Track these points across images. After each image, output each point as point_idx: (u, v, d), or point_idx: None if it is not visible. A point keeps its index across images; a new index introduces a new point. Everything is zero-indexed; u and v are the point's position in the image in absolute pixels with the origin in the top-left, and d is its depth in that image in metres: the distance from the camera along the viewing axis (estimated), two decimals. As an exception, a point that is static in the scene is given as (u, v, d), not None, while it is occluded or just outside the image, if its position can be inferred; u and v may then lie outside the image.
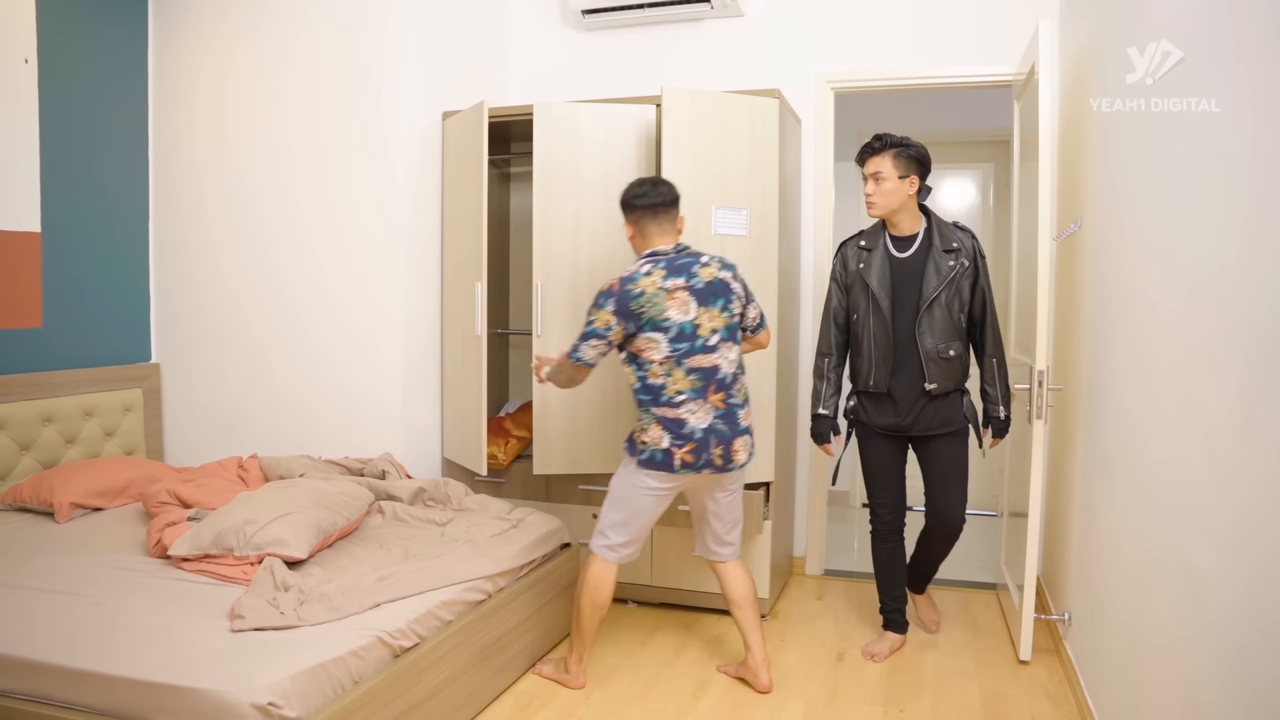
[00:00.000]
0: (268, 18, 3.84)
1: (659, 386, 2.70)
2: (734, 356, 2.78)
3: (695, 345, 2.70)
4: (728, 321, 2.76)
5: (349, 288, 3.75)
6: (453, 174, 3.82)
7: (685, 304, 2.69)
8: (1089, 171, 2.97)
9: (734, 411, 2.76)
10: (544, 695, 2.89)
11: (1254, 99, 1.56)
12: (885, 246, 3.07)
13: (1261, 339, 1.46)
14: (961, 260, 2.99)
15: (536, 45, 4.47)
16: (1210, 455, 1.68)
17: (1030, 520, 3.04)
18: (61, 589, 2.50)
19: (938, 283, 2.97)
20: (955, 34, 3.89)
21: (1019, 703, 2.86)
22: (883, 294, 3.02)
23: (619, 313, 2.68)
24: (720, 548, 2.94)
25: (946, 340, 2.99)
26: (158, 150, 4.08)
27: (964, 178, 5.50)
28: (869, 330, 3.06)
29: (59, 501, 3.23)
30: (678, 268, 2.73)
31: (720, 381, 2.73)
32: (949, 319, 2.99)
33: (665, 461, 2.70)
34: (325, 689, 2.10)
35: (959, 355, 3.02)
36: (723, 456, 2.72)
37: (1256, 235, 1.51)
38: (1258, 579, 1.44)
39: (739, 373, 2.80)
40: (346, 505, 2.99)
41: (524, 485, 3.87)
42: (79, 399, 3.72)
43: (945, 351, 2.99)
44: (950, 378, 3.03)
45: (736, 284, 2.81)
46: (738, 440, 2.75)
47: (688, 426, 2.69)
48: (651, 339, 2.68)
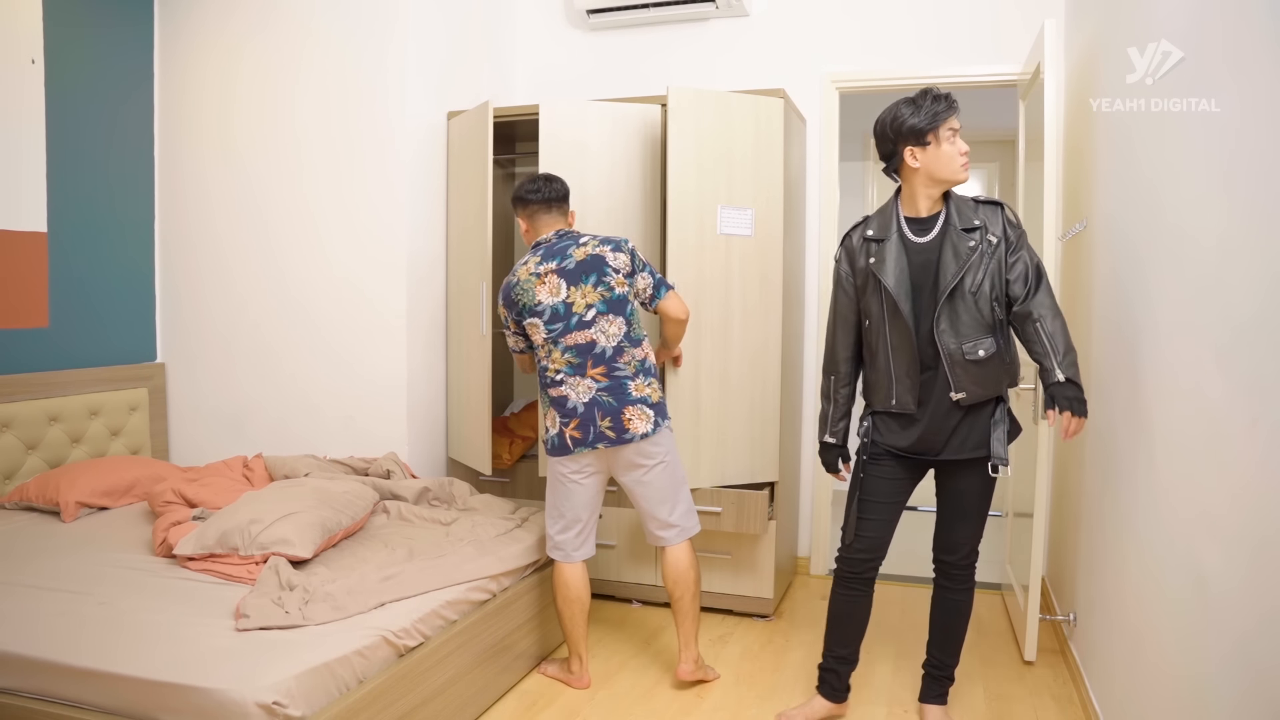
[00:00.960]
0: (274, 18, 3.85)
1: (544, 368, 2.84)
2: (616, 330, 2.79)
3: (570, 324, 2.78)
4: (604, 295, 2.79)
5: (355, 288, 3.76)
6: (458, 174, 3.82)
7: (556, 286, 2.79)
8: (1094, 171, 2.96)
9: (622, 383, 2.77)
10: (548, 695, 2.89)
11: (1255, 99, 1.56)
12: (901, 233, 2.49)
13: (1268, 338, 1.46)
14: (987, 239, 2.41)
15: (541, 45, 4.47)
16: (1217, 455, 1.68)
17: (1035, 521, 3.04)
18: (67, 588, 2.51)
19: (956, 269, 2.40)
20: (960, 34, 3.88)
21: (1024, 703, 2.86)
22: (902, 294, 2.45)
23: (505, 304, 2.89)
24: (662, 530, 2.90)
25: (973, 338, 2.41)
26: (163, 150, 4.09)
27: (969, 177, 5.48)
28: (885, 340, 2.50)
29: (65, 501, 3.24)
30: (554, 252, 2.85)
31: (599, 355, 2.77)
32: (974, 311, 2.41)
33: (560, 443, 2.80)
34: (330, 688, 2.10)
35: (992, 356, 2.41)
36: (613, 429, 2.75)
37: (1262, 234, 1.50)
38: (1266, 581, 1.44)
39: (625, 345, 2.79)
40: (351, 505, 2.99)
41: (528, 485, 3.87)
42: (85, 398, 3.73)
43: (973, 352, 2.41)
44: (983, 384, 2.44)
45: (618, 257, 2.83)
46: (629, 410, 2.75)
47: (570, 402, 2.78)
48: (533, 323, 2.83)
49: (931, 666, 2.74)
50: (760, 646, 3.32)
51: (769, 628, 3.50)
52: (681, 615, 2.91)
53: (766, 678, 3.05)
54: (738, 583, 3.55)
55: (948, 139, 2.39)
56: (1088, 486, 2.92)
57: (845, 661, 2.71)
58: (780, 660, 3.18)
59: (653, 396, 2.81)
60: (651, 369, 2.85)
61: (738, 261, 3.44)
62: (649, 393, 2.80)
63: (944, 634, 2.71)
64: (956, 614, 2.69)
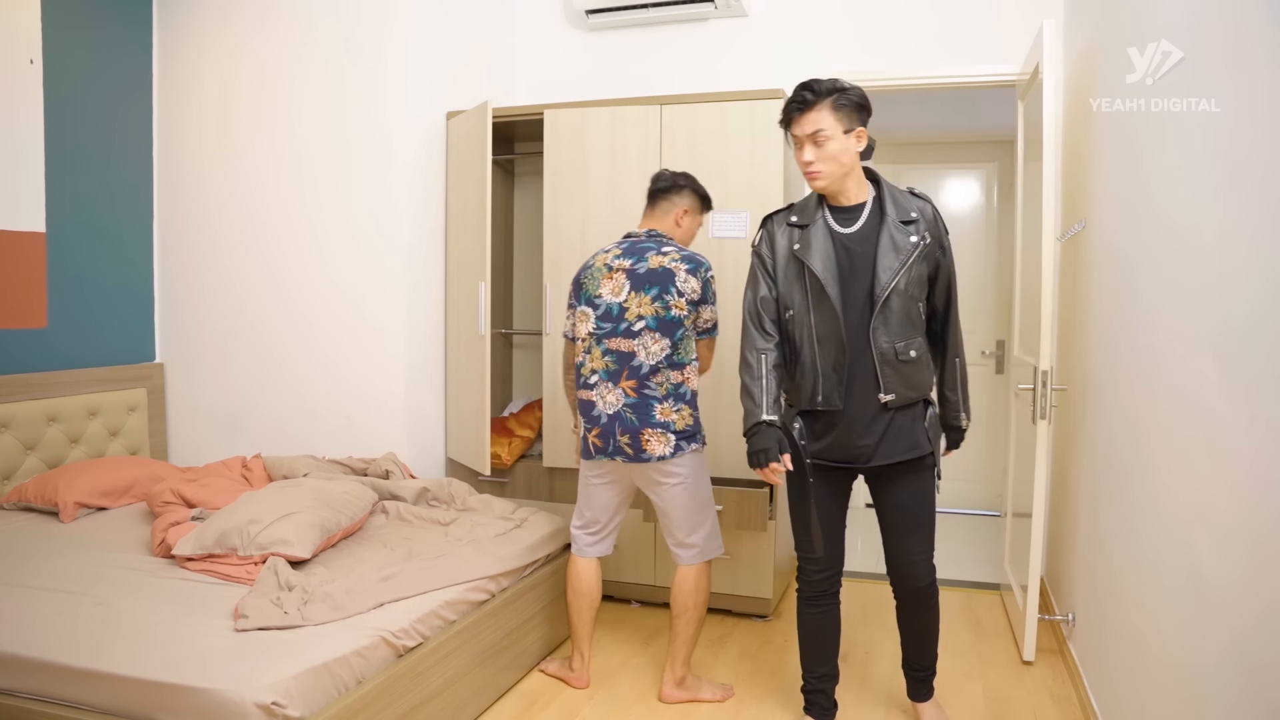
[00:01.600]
0: (273, 18, 3.85)
1: (580, 364, 2.82)
2: (658, 349, 2.71)
3: (618, 329, 2.74)
4: (657, 312, 2.71)
5: (354, 287, 3.76)
6: (457, 174, 3.82)
7: (619, 286, 2.76)
8: (1093, 171, 2.97)
9: (649, 403, 2.71)
10: (547, 695, 2.89)
11: (1253, 99, 1.56)
12: (825, 221, 2.37)
13: (1266, 338, 1.46)
14: (924, 234, 2.31)
15: (540, 46, 4.47)
16: (1215, 455, 1.68)
17: (1034, 520, 3.04)
18: (66, 588, 2.51)
19: (898, 265, 2.28)
20: (958, 34, 3.88)
21: (1022, 703, 2.86)
22: (830, 280, 2.32)
23: (573, 283, 2.89)
24: (677, 549, 2.86)
25: (906, 337, 2.32)
26: (162, 150, 4.09)
27: (967, 177, 5.49)
28: (809, 331, 2.36)
29: (64, 501, 3.24)
30: (634, 250, 2.81)
31: (635, 369, 2.72)
32: (909, 310, 2.32)
33: (585, 447, 2.82)
34: (329, 688, 2.10)
35: (921, 356, 2.36)
36: (631, 446, 2.72)
37: (1260, 233, 1.51)
38: (1264, 579, 1.44)
39: (664, 366, 2.71)
40: (350, 505, 2.99)
41: (528, 485, 3.87)
42: (83, 399, 3.73)
43: (905, 352, 2.32)
44: (912, 386, 2.36)
45: (689, 281, 2.73)
46: (648, 431, 2.70)
47: (595, 410, 2.77)
48: (584, 313, 2.81)
49: (911, 669, 2.67)
50: (759, 647, 3.32)
51: (768, 628, 3.50)
52: (674, 635, 2.86)
53: (765, 678, 3.05)
54: (736, 583, 3.55)
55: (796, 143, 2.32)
56: (1086, 486, 2.92)
57: (827, 679, 2.62)
58: (779, 660, 3.18)
59: (678, 423, 2.72)
60: (686, 394, 2.74)
61: (731, 263, 3.48)
62: (674, 418, 2.71)
63: (918, 641, 2.62)
64: (925, 624, 2.59)
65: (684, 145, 3.53)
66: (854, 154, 2.32)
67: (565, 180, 3.69)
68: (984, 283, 5.39)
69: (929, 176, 5.51)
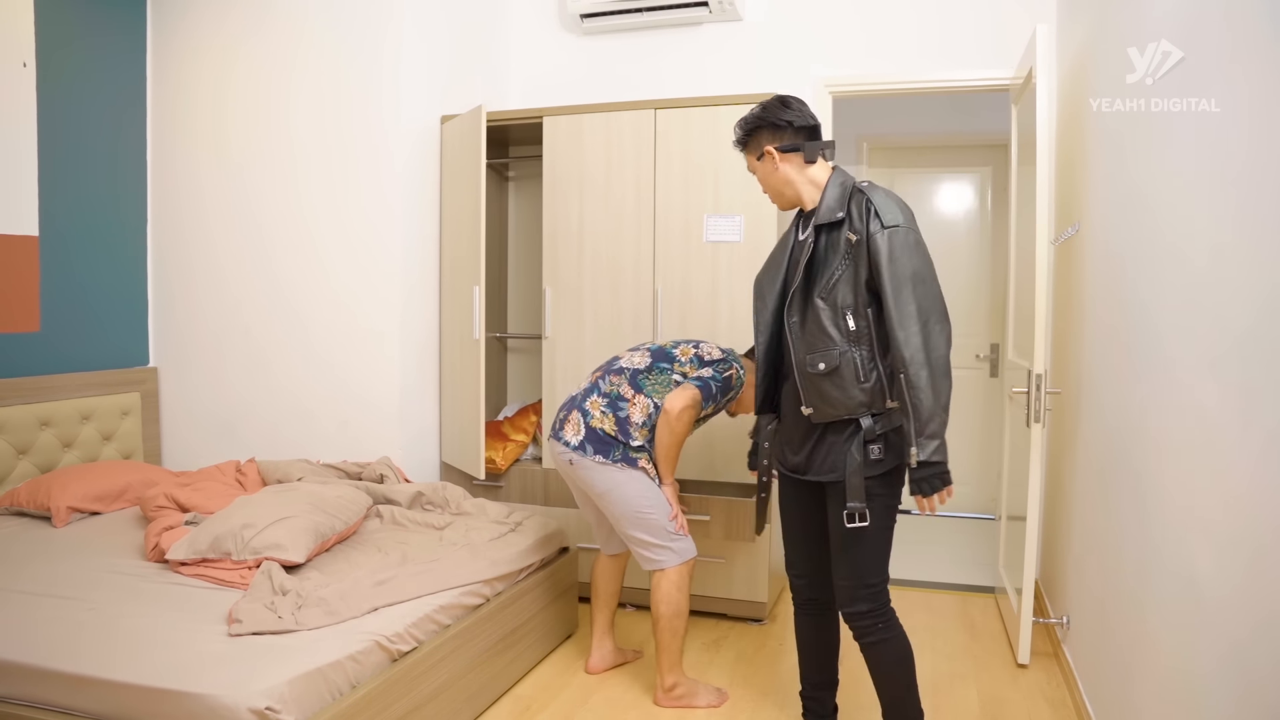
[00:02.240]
0: (269, 22, 3.85)
1: None
2: (636, 363, 2.87)
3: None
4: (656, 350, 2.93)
5: (350, 291, 3.75)
6: (451, 178, 3.82)
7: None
8: (1087, 175, 2.98)
9: (591, 394, 2.85)
10: (543, 699, 2.88)
11: (1248, 101, 1.57)
12: (795, 226, 2.39)
13: (1260, 341, 1.46)
14: (846, 235, 2.17)
15: (535, 49, 4.47)
16: (1209, 458, 1.68)
17: (1029, 523, 3.04)
18: (58, 593, 2.50)
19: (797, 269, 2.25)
20: (952, 38, 3.89)
21: (1017, 706, 2.86)
22: (768, 281, 2.37)
23: None
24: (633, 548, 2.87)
25: (814, 349, 2.21)
26: (156, 153, 4.08)
27: (962, 181, 5.51)
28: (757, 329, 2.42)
29: (56, 506, 3.23)
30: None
31: (608, 365, 2.93)
32: (818, 319, 2.20)
33: None
34: (323, 693, 2.09)
35: (834, 371, 2.18)
36: (558, 422, 2.87)
37: (1254, 236, 1.51)
38: (1262, 587, 1.44)
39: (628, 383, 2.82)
40: (344, 509, 2.98)
41: (522, 489, 3.87)
42: (76, 403, 3.72)
43: (815, 364, 2.20)
44: (831, 403, 2.21)
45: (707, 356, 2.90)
46: (574, 413, 2.83)
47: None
48: None
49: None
50: (754, 650, 3.32)
51: (763, 632, 3.50)
52: (655, 645, 2.86)
53: (761, 682, 3.05)
54: (731, 587, 3.55)
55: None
56: (1080, 489, 2.92)
57: (823, 686, 2.56)
58: (774, 664, 3.18)
59: (602, 427, 2.77)
60: (625, 421, 2.77)
61: (725, 267, 3.52)
62: (603, 424, 2.77)
63: (878, 688, 2.37)
64: (874, 668, 2.34)
65: (678, 149, 3.54)
66: (775, 174, 2.31)
67: (562, 185, 3.71)
68: (978, 286, 5.40)
69: (923, 180, 5.53)
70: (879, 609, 2.28)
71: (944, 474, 2.13)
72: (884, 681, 2.34)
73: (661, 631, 2.80)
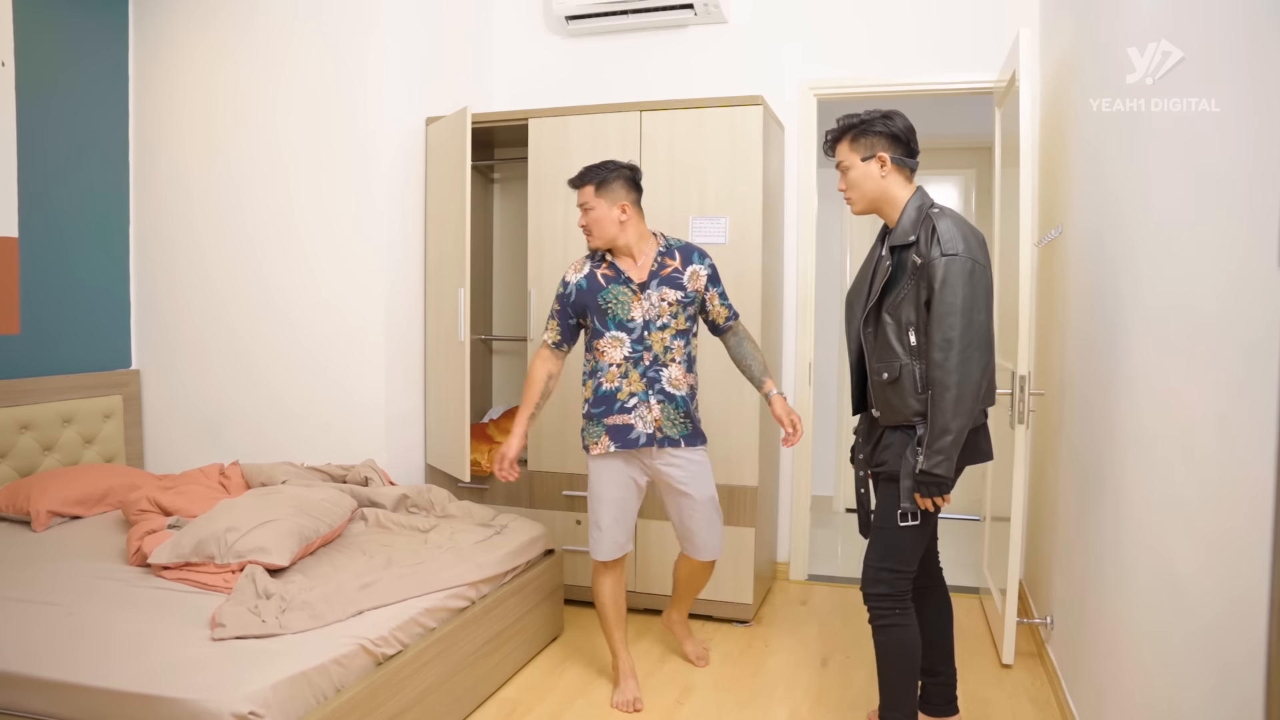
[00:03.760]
0: (256, 23, 3.82)
1: None
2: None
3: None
4: None
5: (334, 293, 3.73)
6: (436, 179, 3.81)
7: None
8: (1070, 178, 3.00)
9: None
10: (528, 702, 2.88)
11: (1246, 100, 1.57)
12: (877, 242, 2.51)
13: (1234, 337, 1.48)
14: (913, 258, 2.31)
15: (520, 51, 4.47)
16: (1189, 458, 1.70)
17: (1012, 524, 3.06)
18: (39, 598, 2.47)
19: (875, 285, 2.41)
20: (937, 41, 3.92)
21: (1001, 706, 2.87)
22: (856, 295, 2.51)
23: None
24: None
25: (882, 360, 2.38)
26: (139, 154, 4.05)
27: (946, 183, 5.54)
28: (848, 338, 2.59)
29: (36, 509, 3.20)
30: None
31: None
32: (885, 333, 2.37)
33: None
34: (307, 697, 2.08)
35: (895, 381, 2.34)
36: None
37: (1226, 234, 1.52)
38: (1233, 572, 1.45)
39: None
40: (329, 512, 2.97)
41: (507, 492, 3.86)
42: (57, 406, 3.68)
43: (880, 373, 2.38)
44: (893, 408, 2.37)
45: None
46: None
47: None
48: None
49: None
50: (740, 652, 3.32)
51: (748, 633, 3.51)
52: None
53: (746, 683, 3.05)
54: (717, 588, 3.55)
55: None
56: (1064, 490, 2.94)
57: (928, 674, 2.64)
58: (760, 665, 3.19)
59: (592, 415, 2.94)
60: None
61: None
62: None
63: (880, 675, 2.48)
64: (881, 654, 2.45)
65: (664, 151, 3.55)
66: (879, 180, 2.41)
67: (547, 187, 3.70)
68: (962, 288, 5.42)
69: (907, 183, 5.54)
70: (897, 595, 2.40)
71: (943, 484, 2.28)
72: (888, 669, 2.44)
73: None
